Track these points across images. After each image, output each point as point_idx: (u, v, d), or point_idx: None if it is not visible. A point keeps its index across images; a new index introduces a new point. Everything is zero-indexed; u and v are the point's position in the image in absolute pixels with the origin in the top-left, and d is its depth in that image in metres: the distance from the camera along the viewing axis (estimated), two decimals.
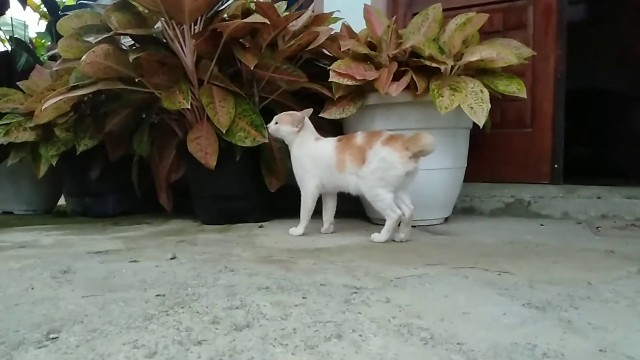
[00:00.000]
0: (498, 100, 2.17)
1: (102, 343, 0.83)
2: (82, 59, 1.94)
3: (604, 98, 4.91)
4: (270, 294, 1.11)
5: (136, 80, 2.11)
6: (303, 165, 1.93)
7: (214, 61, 2.12)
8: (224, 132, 2.04)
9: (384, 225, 1.76)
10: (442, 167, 2.07)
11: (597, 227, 1.97)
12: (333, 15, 2.33)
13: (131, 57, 1.96)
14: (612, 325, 0.87)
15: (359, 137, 1.80)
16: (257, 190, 2.30)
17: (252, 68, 2.03)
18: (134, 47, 2.19)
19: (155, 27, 2.21)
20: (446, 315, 0.94)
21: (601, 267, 1.35)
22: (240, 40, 2.20)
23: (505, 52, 1.89)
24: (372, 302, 1.03)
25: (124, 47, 2.24)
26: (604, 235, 1.82)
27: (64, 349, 0.81)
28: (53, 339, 0.86)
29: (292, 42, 2.10)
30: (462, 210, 2.46)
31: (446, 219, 2.23)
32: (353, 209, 2.53)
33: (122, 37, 2.25)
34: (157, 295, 1.11)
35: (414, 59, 1.97)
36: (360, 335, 0.84)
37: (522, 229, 2.00)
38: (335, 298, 1.06)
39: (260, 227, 2.19)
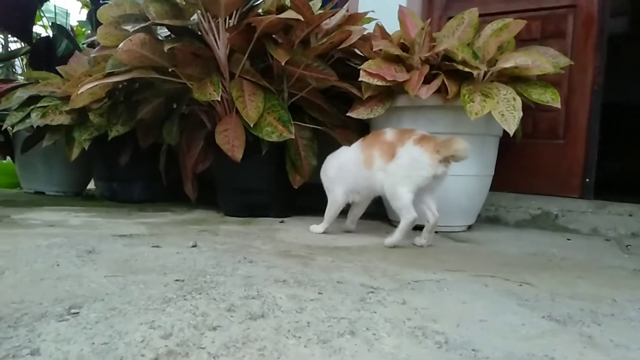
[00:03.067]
0: (531, 110, 2.13)
1: (121, 321, 0.85)
2: (119, 46, 1.99)
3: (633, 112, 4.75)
4: (286, 287, 1.12)
5: (169, 70, 2.16)
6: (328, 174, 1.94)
7: (246, 55, 2.15)
8: (251, 125, 2.06)
9: None
10: (468, 173, 2.04)
11: (627, 246, 1.91)
12: (367, 16, 2.32)
13: (166, 47, 2.00)
14: (636, 344, 0.84)
15: (389, 134, 1.77)
16: (280, 186, 2.31)
17: (283, 64, 2.04)
18: (170, 38, 2.23)
19: (191, 19, 2.24)
20: (462, 321, 0.92)
21: (628, 285, 1.30)
22: (274, 36, 2.22)
23: (542, 60, 1.85)
24: (388, 302, 1.03)
25: (160, 37, 2.29)
26: (633, 254, 1.76)
27: (84, 324, 0.83)
28: (74, 313, 0.88)
29: (325, 40, 2.10)
30: (487, 219, 2.41)
31: (469, 227, 2.20)
32: (375, 211, 2.52)
33: (158, 27, 2.30)
34: (177, 280, 1.13)
35: (446, 63, 1.94)
36: (374, 334, 0.84)
37: (548, 241, 1.96)
38: (351, 296, 1.06)
39: (281, 222, 2.20)
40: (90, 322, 0.84)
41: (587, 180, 2.35)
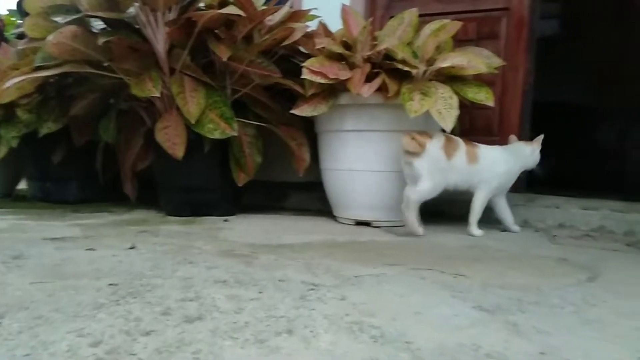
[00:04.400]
0: (468, 108, 2.21)
1: (46, 330, 0.81)
2: (48, 38, 1.88)
3: (569, 112, 5.08)
4: (227, 287, 1.10)
5: (105, 64, 2.06)
6: None
7: (187, 50, 2.09)
8: (193, 122, 2.02)
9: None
10: None
11: (554, 236, 2.04)
12: (310, 13, 2.32)
13: (100, 41, 1.92)
14: (556, 330, 0.90)
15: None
16: (224, 184, 2.27)
17: (224, 60, 2.00)
18: (105, 31, 2.13)
19: (127, 11, 2.15)
20: (399, 315, 0.95)
21: (553, 274, 1.39)
22: (216, 31, 2.17)
23: (476, 60, 1.93)
24: (328, 299, 1.04)
25: (94, 30, 2.18)
26: (559, 244, 1.88)
27: (5, 335, 0.79)
28: None
29: (267, 36, 2.09)
30: (428, 213, 2.48)
31: None
32: (320, 208, 2.54)
33: (93, 19, 2.19)
34: (110, 285, 1.09)
35: (388, 62, 1.98)
36: (312, 331, 0.84)
37: (486, 234, 2.04)
38: (291, 294, 1.06)
39: (226, 220, 2.17)
40: (12, 333, 0.80)
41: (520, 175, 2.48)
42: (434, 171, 1.92)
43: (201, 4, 2.14)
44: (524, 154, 2.07)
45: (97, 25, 2.31)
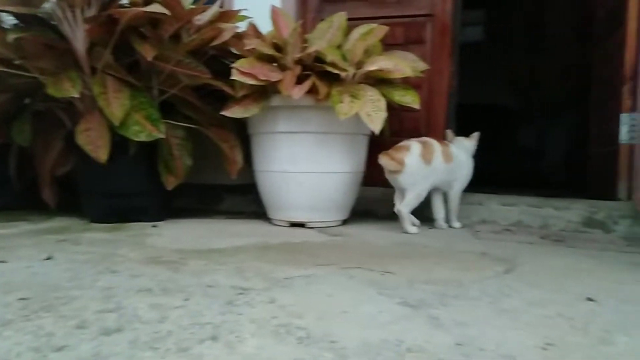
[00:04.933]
0: (397, 110, 2.29)
1: None
2: None
3: (493, 113, 5.40)
4: (151, 296, 1.06)
5: (17, 62, 1.92)
6: None
7: (109, 49, 1.99)
8: (117, 124, 1.93)
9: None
10: (343, 171, 2.13)
11: (477, 231, 2.15)
12: (241, 14, 2.30)
13: (10, 37, 1.78)
14: (473, 321, 0.95)
15: None
16: (152, 188, 2.19)
17: (149, 59, 1.93)
18: (17, 27, 1.98)
19: (42, 6, 2.02)
20: (326, 315, 0.96)
21: (474, 267, 1.47)
22: (141, 29, 2.09)
23: (402, 64, 2.00)
24: (256, 303, 1.03)
25: (4, 26, 2.03)
26: (481, 239, 1.99)
27: None
28: None
29: (195, 36, 2.04)
30: (360, 213, 2.55)
31: (344, 221, 2.30)
32: (255, 210, 2.52)
33: (4, 14, 2.03)
34: (21, 299, 1.01)
35: (318, 64, 2.00)
36: (237, 337, 0.83)
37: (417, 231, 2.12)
38: (219, 299, 1.04)
39: (155, 226, 2.09)
40: None
41: None
42: (416, 181, 2.05)
43: (124, 1, 2.05)
44: (469, 148, 2.28)
45: (10, 20, 2.15)
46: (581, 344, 0.86)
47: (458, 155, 2.20)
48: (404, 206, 2.06)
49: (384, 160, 2.01)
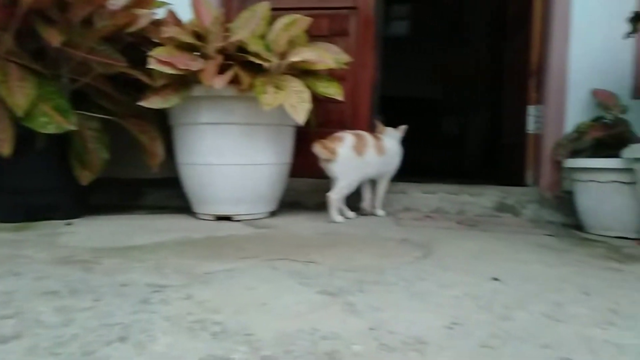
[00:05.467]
0: (323, 102, 2.31)
1: None
2: None
3: (417, 104, 5.61)
4: (57, 298, 1.00)
5: None
6: None
7: (11, 34, 1.83)
8: (21, 115, 1.78)
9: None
10: (268, 162, 2.12)
11: (400, 219, 2.24)
12: (159, 0, 2.20)
13: None
14: (387, 305, 0.99)
15: None
16: (65, 184, 2.05)
17: (55, 45, 1.79)
18: None
19: None
20: (244, 308, 0.96)
21: (394, 253, 1.52)
22: (48, 13, 1.93)
23: (326, 56, 2.01)
24: (172, 300, 1.00)
25: None
26: (403, 226, 2.07)
27: None
28: None
29: (109, 22, 1.92)
30: (289, 204, 2.55)
31: (272, 213, 2.29)
32: (181, 204, 2.44)
33: None
34: None
35: (241, 54, 1.97)
36: (149, 336, 0.80)
37: (342, 220, 2.16)
38: (132, 298, 1.00)
39: (69, 224, 1.96)
40: None
41: None
42: (347, 170, 2.11)
43: None
44: (398, 139, 2.37)
45: None
46: (484, 321, 0.92)
47: (390, 148, 2.29)
48: (334, 193, 2.11)
49: (317, 148, 2.06)
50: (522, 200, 2.38)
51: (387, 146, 2.27)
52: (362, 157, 2.12)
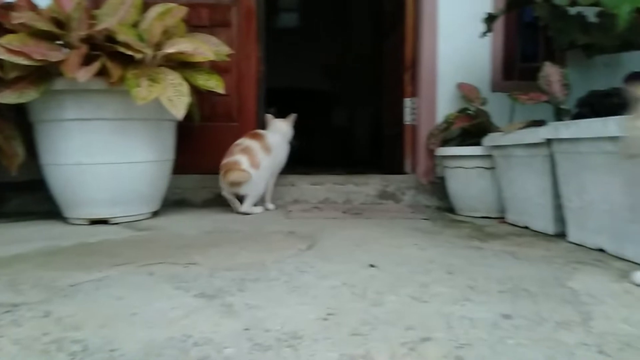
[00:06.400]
0: (208, 95, 2.23)
1: None
2: None
3: (307, 96, 5.70)
4: None
5: None
6: None
7: None
8: None
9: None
10: (146, 160, 2.00)
11: (289, 211, 2.26)
12: None
13: None
14: (265, 303, 0.99)
15: None
16: None
17: None
18: None
19: None
20: (110, 321, 0.89)
21: (279, 247, 1.53)
22: None
23: (204, 47, 1.94)
24: (26, 319, 0.90)
25: None
26: (292, 218, 2.09)
27: None
28: None
29: None
30: (174, 202, 2.45)
31: (155, 213, 2.17)
32: (48, 209, 2.21)
33: None
34: None
35: (110, 44, 1.82)
36: None
37: (227, 218, 2.12)
38: None
39: None
40: None
41: None
42: (255, 186, 2.21)
43: None
44: (285, 130, 2.38)
45: None
46: (357, 308, 0.96)
47: (274, 142, 2.30)
48: (245, 208, 2.21)
49: (235, 174, 2.14)
50: (401, 187, 2.53)
51: (272, 142, 2.28)
52: (259, 168, 2.20)
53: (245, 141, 2.24)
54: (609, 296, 1.04)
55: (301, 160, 3.95)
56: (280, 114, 2.45)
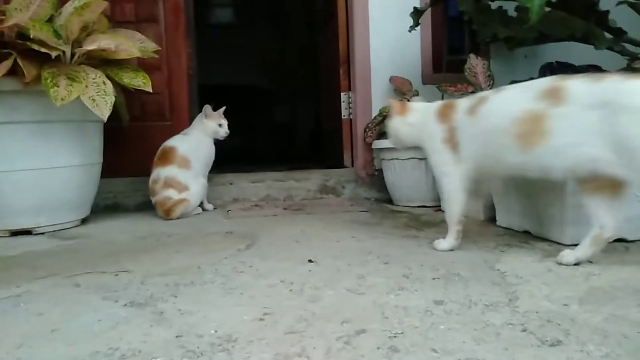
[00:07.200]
0: (138, 93, 2.12)
1: None
2: None
3: (245, 93, 5.62)
4: None
5: None
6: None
7: None
8: None
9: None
10: (71, 164, 1.88)
11: (228, 211, 2.21)
12: None
13: None
14: (199, 307, 0.95)
15: None
16: None
17: None
18: None
19: None
20: (29, 339, 0.82)
21: (217, 249, 1.49)
22: None
23: (128, 43, 1.85)
24: None
25: None
26: (231, 218, 2.05)
27: None
28: None
29: None
30: (106, 208, 2.32)
31: (84, 220, 2.05)
32: None
33: None
34: None
35: (22, 42, 1.69)
36: None
37: (163, 221, 2.03)
38: None
39: None
40: None
41: None
42: (195, 191, 2.13)
43: None
44: (214, 129, 2.22)
45: None
46: (293, 305, 0.95)
47: (188, 150, 2.15)
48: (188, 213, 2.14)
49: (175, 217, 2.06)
50: (341, 180, 2.55)
51: (184, 152, 2.13)
52: (190, 169, 2.12)
53: (159, 173, 2.08)
54: (534, 275, 1.10)
55: (243, 158, 3.90)
56: (225, 112, 2.33)
